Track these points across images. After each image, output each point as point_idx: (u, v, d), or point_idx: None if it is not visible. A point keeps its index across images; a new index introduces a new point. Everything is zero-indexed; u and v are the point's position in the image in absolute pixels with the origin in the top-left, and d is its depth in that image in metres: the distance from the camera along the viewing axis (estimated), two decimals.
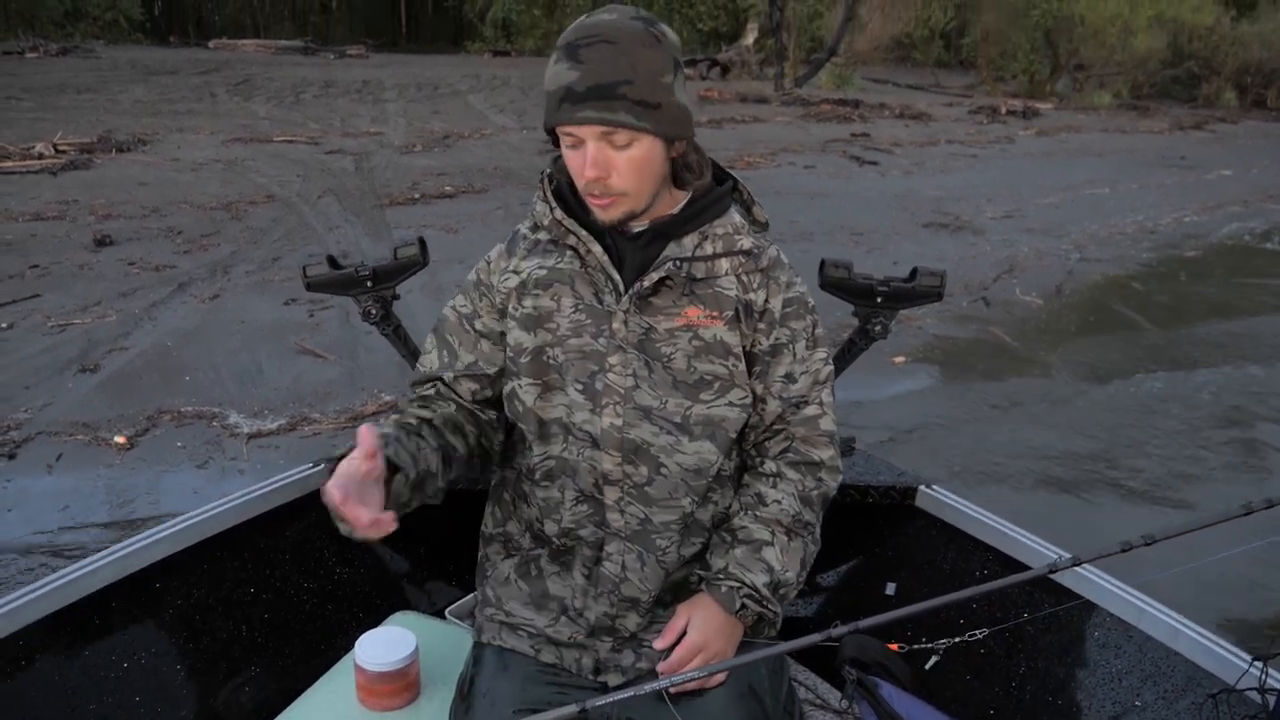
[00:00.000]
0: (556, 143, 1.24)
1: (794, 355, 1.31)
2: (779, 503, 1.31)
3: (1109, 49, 20.30)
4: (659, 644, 1.28)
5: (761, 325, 1.29)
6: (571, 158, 1.21)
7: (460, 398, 1.36)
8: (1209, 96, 21.87)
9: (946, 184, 10.20)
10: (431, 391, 1.37)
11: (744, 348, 1.29)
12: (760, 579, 1.26)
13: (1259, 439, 4.38)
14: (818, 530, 1.35)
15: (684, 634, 1.27)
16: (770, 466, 1.34)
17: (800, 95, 16.63)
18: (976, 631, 0.97)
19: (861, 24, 20.11)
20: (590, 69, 1.14)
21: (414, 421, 1.29)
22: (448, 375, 1.35)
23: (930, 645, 0.98)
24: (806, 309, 1.33)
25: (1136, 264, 7.54)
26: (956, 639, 0.98)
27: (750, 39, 20.79)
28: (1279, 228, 9.34)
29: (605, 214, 1.22)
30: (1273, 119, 20.06)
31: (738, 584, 1.26)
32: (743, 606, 1.26)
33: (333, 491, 1.05)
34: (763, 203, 1.36)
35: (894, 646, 1.04)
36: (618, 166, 1.18)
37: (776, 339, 1.30)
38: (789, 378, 1.31)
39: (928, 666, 1.00)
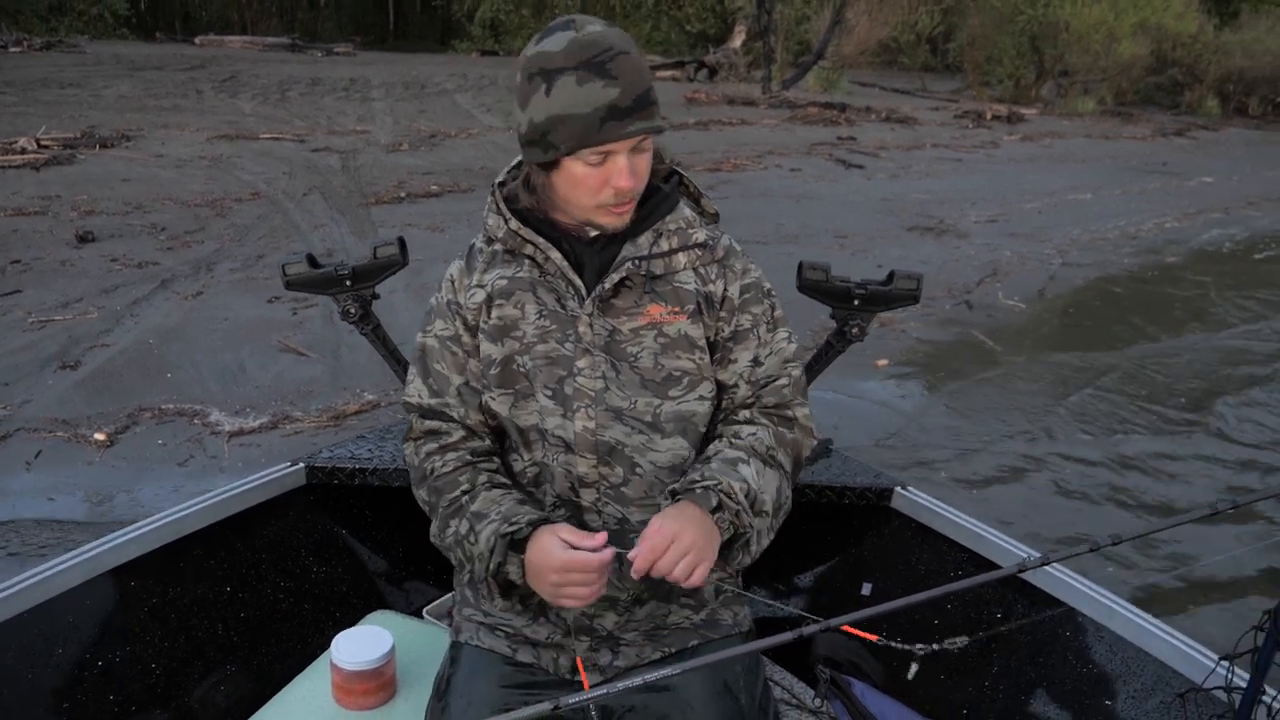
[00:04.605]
0: (545, 166, 1.20)
1: (758, 339, 1.33)
2: (754, 435, 1.30)
3: (1094, 55, 20.41)
4: (637, 564, 1.15)
5: (723, 314, 1.30)
6: (591, 175, 1.18)
7: (476, 433, 1.35)
8: (1192, 104, 22.05)
9: (931, 188, 10.25)
10: (460, 434, 1.34)
11: (707, 338, 1.30)
12: (737, 485, 1.21)
13: (1227, 438, 4.43)
14: (790, 483, 1.32)
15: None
16: (744, 414, 1.33)
17: (787, 98, 16.67)
18: (956, 640, 0.97)
19: (849, 27, 20.15)
20: (627, 82, 1.14)
21: (521, 495, 1.30)
22: (457, 413, 1.33)
23: (908, 647, 0.99)
24: (764, 293, 1.34)
25: (1118, 269, 7.60)
26: (935, 645, 0.98)
27: (738, 41, 20.79)
28: (1260, 235, 9.44)
29: (620, 220, 1.24)
30: (1254, 127, 20.27)
31: (714, 482, 1.20)
32: (719, 505, 1.19)
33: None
34: (748, 205, 1.38)
35: (873, 637, 1.04)
36: (639, 172, 1.20)
37: (738, 325, 1.31)
38: (755, 362, 1.32)
39: (910, 676, 1.00)
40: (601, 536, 1.17)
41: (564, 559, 1.15)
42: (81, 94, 12.24)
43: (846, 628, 0.96)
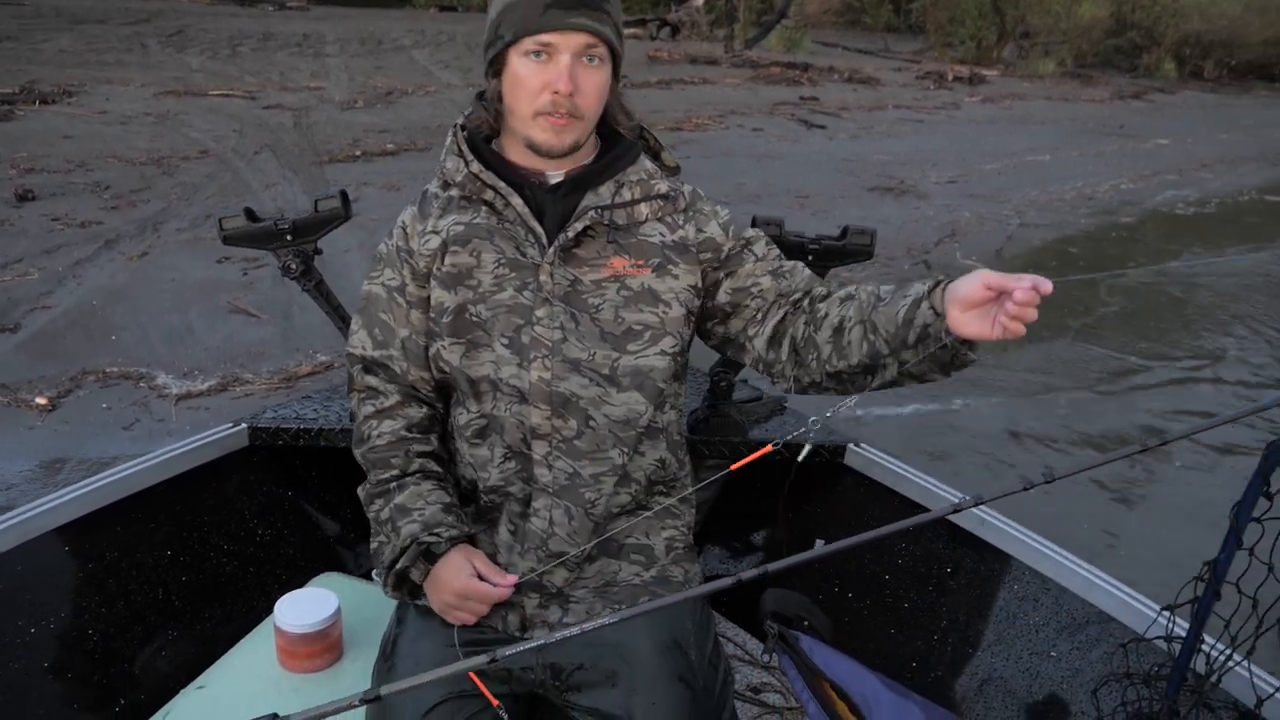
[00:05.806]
0: (497, 71, 1.22)
1: (755, 255, 1.31)
2: (859, 285, 1.24)
3: (1054, 17, 20.48)
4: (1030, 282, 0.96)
5: (707, 254, 1.30)
6: (533, 73, 1.18)
7: (418, 392, 1.34)
8: (1149, 66, 22.22)
9: (893, 149, 10.26)
10: (396, 398, 1.33)
11: (697, 285, 1.28)
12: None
13: (1169, 380, 4.55)
14: None
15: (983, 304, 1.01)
16: (820, 290, 1.28)
17: (750, 57, 16.52)
18: (911, 597, 0.97)
19: None
20: None
21: (449, 499, 1.31)
22: (400, 366, 1.32)
23: (850, 595, 0.98)
24: (744, 227, 1.35)
25: (1074, 229, 7.69)
26: (885, 594, 0.98)
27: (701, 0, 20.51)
28: (1211, 195, 9.60)
29: (559, 137, 1.21)
30: (1209, 90, 20.51)
31: (929, 285, 1.11)
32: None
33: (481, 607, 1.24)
34: (709, 165, 1.37)
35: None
36: (584, 87, 1.18)
37: (730, 250, 1.30)
38: (763, 260, 1.30)
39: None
40: (512, 579, 1.23)
41: (467, 585, 1.22)
42: (19, 47, 11.74)
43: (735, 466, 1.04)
